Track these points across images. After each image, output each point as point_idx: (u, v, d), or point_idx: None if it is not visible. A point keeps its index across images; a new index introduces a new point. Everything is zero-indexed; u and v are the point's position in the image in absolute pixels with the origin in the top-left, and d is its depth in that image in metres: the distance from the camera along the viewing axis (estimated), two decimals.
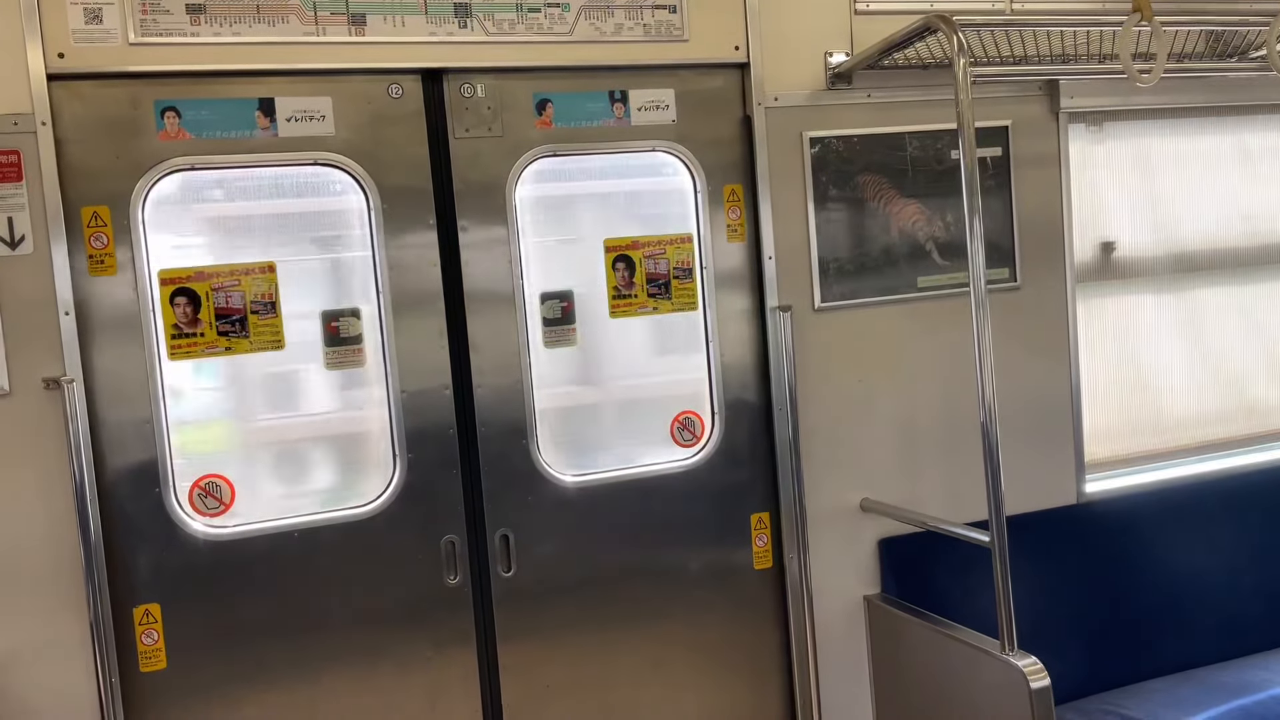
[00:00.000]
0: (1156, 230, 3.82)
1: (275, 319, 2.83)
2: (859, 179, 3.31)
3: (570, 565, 3.11)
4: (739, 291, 3.24)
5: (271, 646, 2.86)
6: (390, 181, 2.91)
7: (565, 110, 3.05)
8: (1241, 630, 3.61)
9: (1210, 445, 3.92)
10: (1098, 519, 3.59)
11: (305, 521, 2.87)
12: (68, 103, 2.65)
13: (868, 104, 3.31)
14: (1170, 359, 3.87)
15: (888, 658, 3.31)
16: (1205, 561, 3.64)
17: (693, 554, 3.23)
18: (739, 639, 3.29)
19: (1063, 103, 3.50)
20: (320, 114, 2.84)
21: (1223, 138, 3.88)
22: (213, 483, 2.81)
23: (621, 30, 3.05)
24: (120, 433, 2.72)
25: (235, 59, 2.74)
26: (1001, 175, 3.47)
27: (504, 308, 3.02)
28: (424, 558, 2.98)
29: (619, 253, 3.14)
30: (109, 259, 2.70)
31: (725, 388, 3.24)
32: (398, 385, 2.93)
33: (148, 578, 2.75)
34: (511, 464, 3.04)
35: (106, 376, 2.70)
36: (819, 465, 3.29)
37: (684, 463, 3.22)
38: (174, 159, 2.73)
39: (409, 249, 2.93)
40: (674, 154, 3.16)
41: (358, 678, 2.93)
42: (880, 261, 3.35)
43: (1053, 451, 3.58)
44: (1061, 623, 3.40)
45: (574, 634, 3.12)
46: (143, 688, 2.75)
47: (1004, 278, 3.48)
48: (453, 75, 2.95)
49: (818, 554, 3.29)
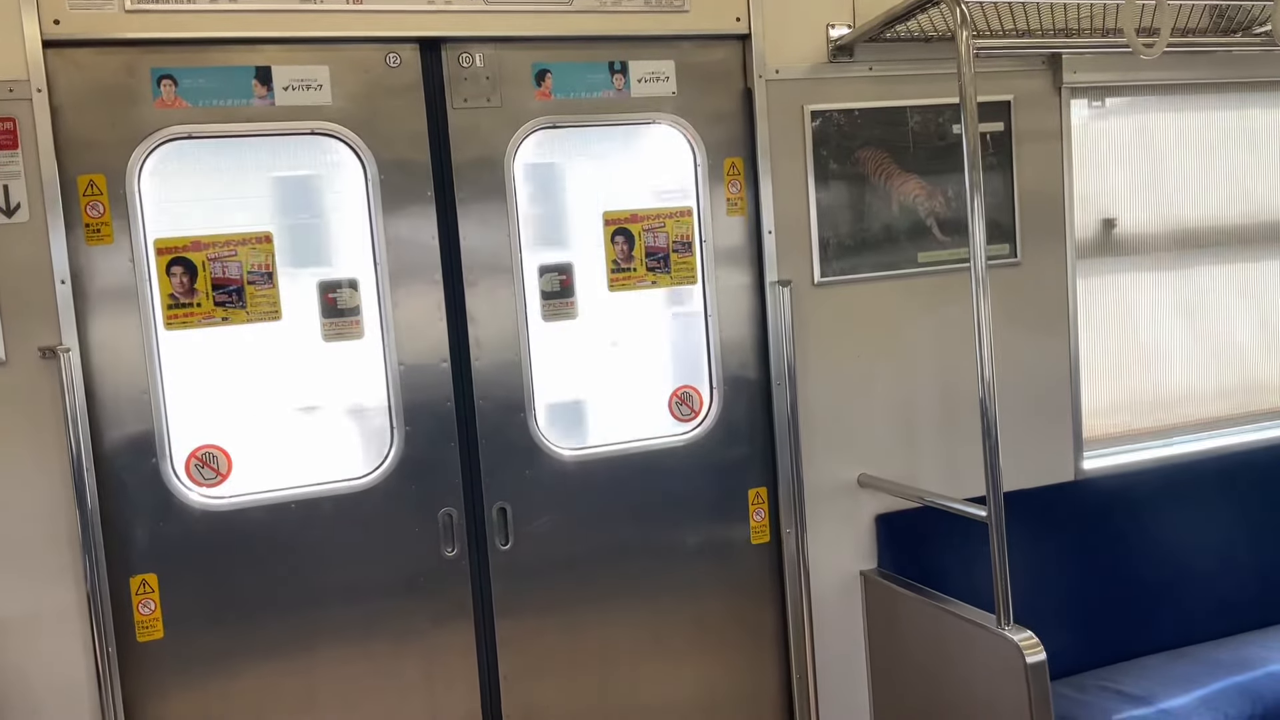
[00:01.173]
0: (1158, 207, 3.81)
1: (272, 289, 2.82)
2: (860, 153, 3.29)
3: (568, 539, 3.11)
4: (738, 266, 3.23)
5: (268, 617, 2.86)
6: (388, 152, 2.89)
7: (565, 81, 3.03)
8: (1238, 607, 3.62)
9: (1209, 422, 3.93)
10: (1095, 495, 3.60)
11: (303, 493, 2.87)
12: (63, 70, 2.63)
13: (869, 77, 3.29)
14: (1170, 336, 3.86)
15: (884, 632, 3.32)
16: (1202, 539, 3.64)
17: (690, 529, 3.24)
18: (736, 613, 3.29)
19: (1065, 78, 3.47)
20: (318, 83, 2.82)
21: (1225, 114, 3.86)
22: (210, 453, 2.81)
23: (622, 1, 3.02)
24: (117, 403, 2.71)
25: (232, 27, 2.72)
26: (1003, 151, 3.45)
27: (502, 280, 3.01)
28: (422, 530, 2.98)
29: (618, 226, 3.12)
30: (105, 228, 2.68)
31: (724, 363, 3.23)
32: (395, 358, 2.92)
33: (144, 548, 2.75)
34: (509, 437, 3.04)
35: (103, 346, 2.69)
36: (817, 440, 3.28)
37: (682, 437, 3.22)
38: (170, 127, 2.71)
39: (407, 220, 2.92)
40: (674, 126, 3.14)
41: (354, 649, 2.94)
42: (880, 237, 3.33)
43: (1051, 428, 3.57)
44: (1058, 598, 3.40)
45: (571, 607, 3.13)
46: (139, 657, 2.76)
47: (1004, 254, 3.47)
48: (451, 45, 2.93)
49: (815, 529, 3.29)
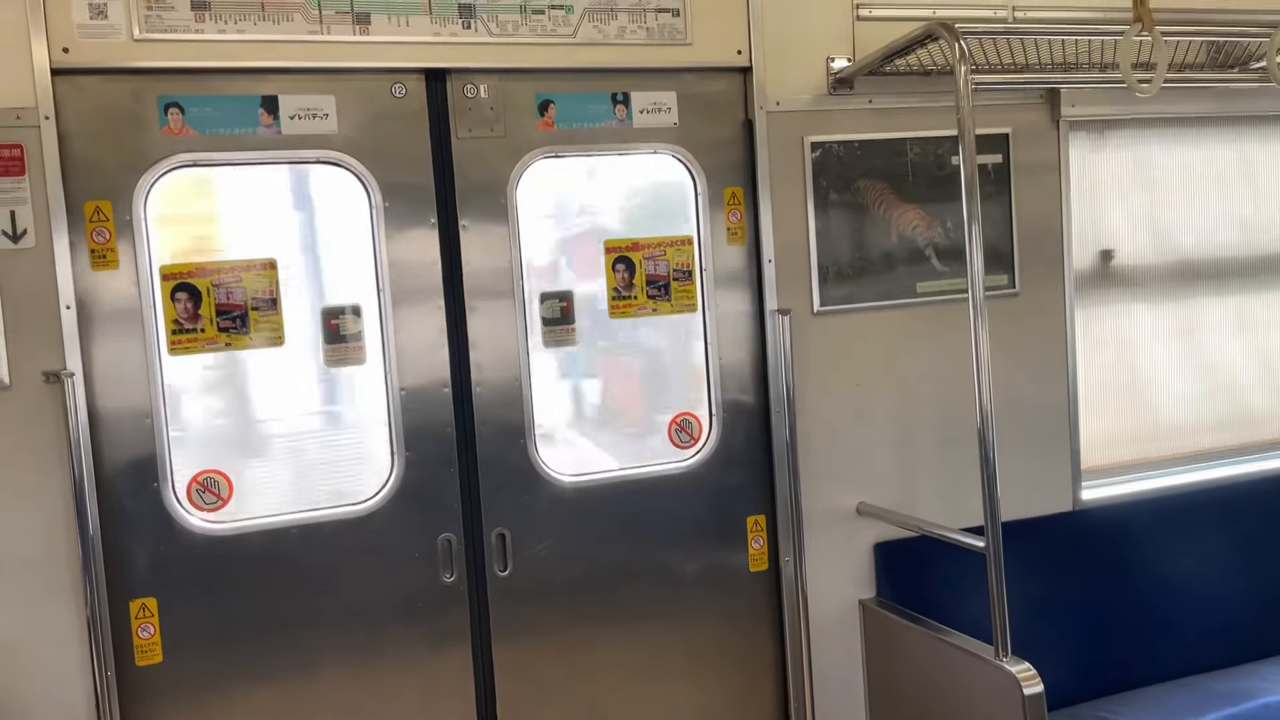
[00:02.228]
0: (1155, 239, 3.83)
1: (276, 315, 2.83)
2: (859, 184, 3.32)
3: (566, 565, 3.11)
4: (738, 294, 3.25)
5: (267, 642, 2.86)
6: (392, 180, 2.91)
7: (567, 111, 3.06)
8: (1235, 638, 3.61)
9: (1206, 454, 3.93)
10: (1093, 526, 3.60)
11: (303, 518, 2.88)
12: (71, 97, 2.66)
13: (869, 109, 3.32)
14: (1167, 368, 3.88)
15: (882, 662, 3.31)
16: (1200, 570, 3.64)
17: (689, 556, 3.24)
18: (734, 641, 3.29)
19: (1063, 111, 3.50)
20: (323, 112, 2.85)
21: (1223, 148, 3.89)
22: (211, 478, 2.82)
23: (625, 33, 3.06)
24: (119, 427, 2.72)
25: (239, 56, 2.75)
26: (1001, 182, 3.47)
27: (504, 307, 3.03)
28: (421, 556, 2.98)
29: (619, 254, 3.15)
30: (111, 254, 2.70)
31: (723, 390, 3.25)
32: (397, 383, 2.94)
33: (145, 572, 2.76)
34: (509, 463, 3.05)
35: (107, 371, 2.71)
36: (816, 468, 3.29)
37: (681, 464, 3.23)
38: (177, 155, 2.74)
39: (410, 247, 2.94)
40: (675, 156, 3.17)
41: (353, 674, 2.94)
42: (879, 266, 3.35)
43: (1049, 458, 3.58)
44: (1056, 629, 3.40)
45: (569, 634, 3.13)
46: (138, 682, 2.76)
47: (1003, 284, 3.49)
48: (456, 75, 2.96)
49: (814, 557, 3.30)
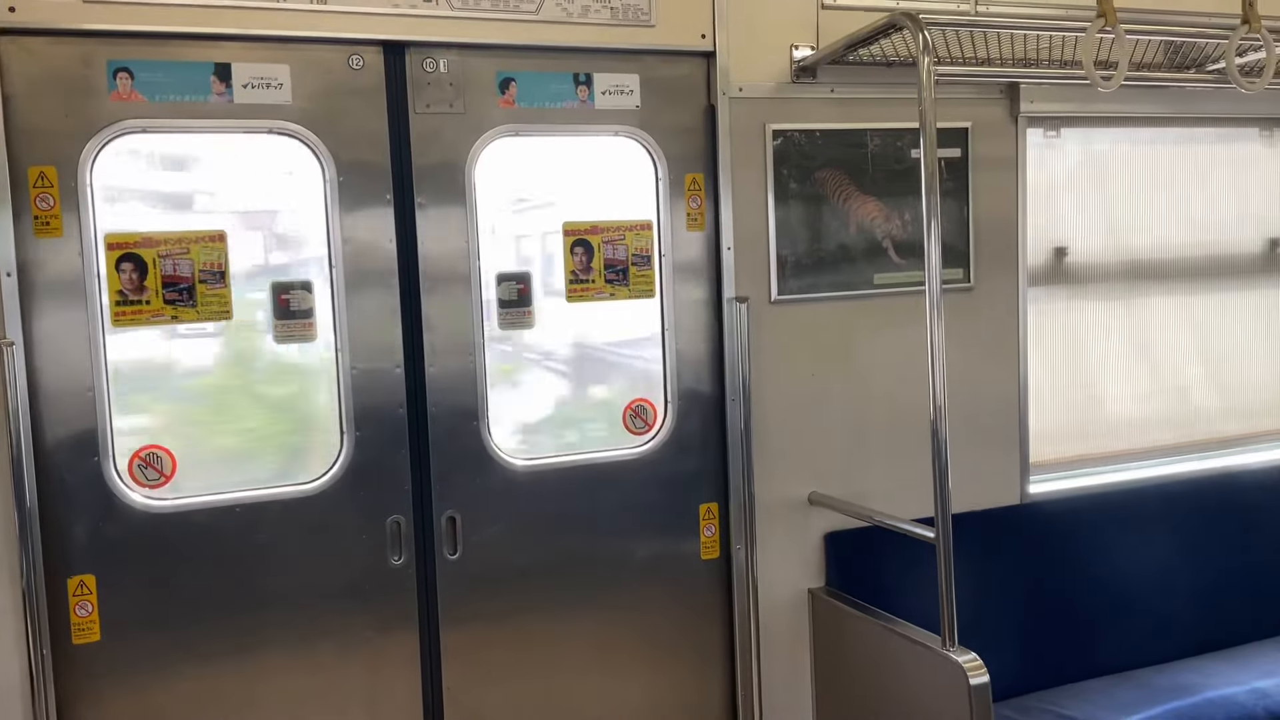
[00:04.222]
0: (1108, 237, 3.87)
1: (224, 289, 2.78)
2: (819, 174, 3.32)
3: (517, 549, 3.09)
4: (697, 281, 3.24)
5: (209, 622, 2.81)
6: (347, 154, 2.86)
7: (528, 90, 3.02)
8: (1177, 633, 3.68)
9: (1151, 451, 3.99)
10: (1041, 519, 3.64)
11: (248, 497, 2.83)
12: (17, 58, 2.58)
13: (831, 99, 3.31)
14: (1116, 364, 3.92)
15: (830, 650, 3.33)
16: (1143, 565, 3.70)
17: (641, 542, 3.23)
18: (684, 628, 3.29)
19: (1022, 106, 3.52)
20: (278, 82, 2.79)
21: (1177, 148, 3.94)
22: (153, 453, 2.76)
23: (588, 12, 3.02)
24: (60, 399, 2.66)
25: (192, 21, 2.68)
26: (959, 176, 3.49)
27: (459, 288, 2.99)
28: (369, 537, 2.94)
29: (578, 237, 3.12)
30: (55, 221, 2.63)
31: (679, 377, 3.23)
32: (348, 361, 2.89)
33: (83, 548, 2.70)
34: (461, 445, 3.02)
35: (48, 341, 2.64)
36: (769, 457, 3.29)
37: (635, 450, 3.22)
38: (125, 121, 2.67)
39: (364, 223, 2.89)
40: (636, 139, 3.14)
41: (296, 656, 2.89)
42: (837, 257, 3.36)
43: (999, 451, 3.62)
44: (1002, 621, 3.44)
45: (518, 618, 3.11)
46: (74, 660, 2.70)
47: (958, 278, 3.51)
48: (415, 49, 2.91)
49: (765, 546, 3.30)
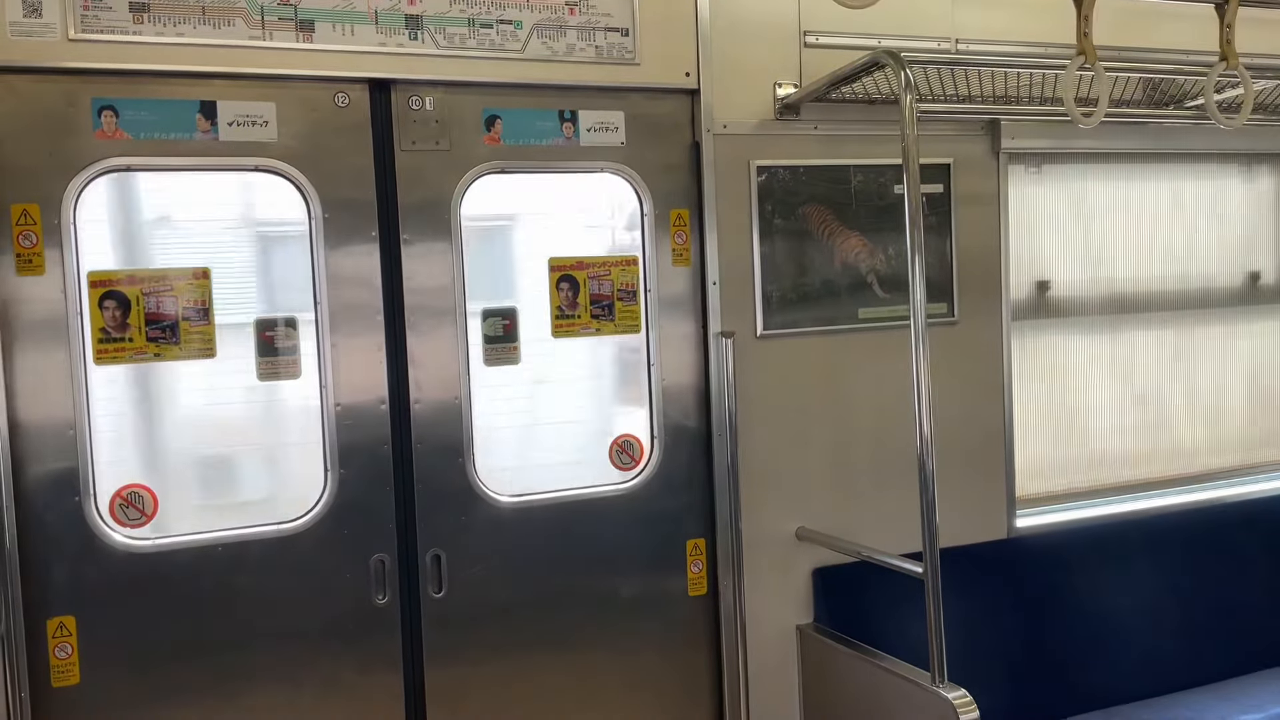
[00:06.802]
0: (1090, 271, 3.90)
1: (208, 326, 2.76)
2: (804, 209, 3.34)
3: (503, 587, 3.06)
4: (682, 316, 3.24)
5: (191, 664, 2.77)
6: (333, 191, 2.86)
7: (514, 128, 3.03)
8: (1163, 667, 3.67)
9: (1136, 485, 4.00)
10: (1027, 554, 3.64)
11: (230, 535, 2.80)
12: (1, 96, 2.58)
13: (814, 136, 3.34)
14: (1100, 399, 3.94)
15: (819, 687, 3.30)
16: (1130, 599, 3.70)
17: (627, 579, 3.21)
18: (671, 666, 3.26)
19: (1004, 143, 3.56)
20: (263, 119, 2.79)
21: (1157, 184, 3.98)
22: (135, 493, 2.73)
23: (574, 51, 3.04)
24: (41, 438, 2.63)
25: (177, 60, 2.69)
26: (942, 212, 3.52)
27: (445, 324, 2.99)
28: (353, 576, 2.91)
29: (563, 272, 3.12)
30: (37, 258, 2.61)
31: (665, 412, 3.23)
32: (332, 399, 2.88)
33: (64, 589, 2.66)
34: (447, 482, 3.00)
35: (29, 379, 2.62)
36: (756, 493, 3.29)
37: (621, 486, 3.20)
38: (110, 158, 2.66)
39: (350, 260, 2.88)
40: (622, 176, 3.16)
41: (280, 698, 2.85)
42: (822, 292, 3.37)
43: (985, 486, 3.62)
44: (991, 655, 3.42)
45: (505, 658, 3.07)
46: (54, 703, 2.65)
47: (942, 313, 3.53)
48: (401, 86, 2.92)
49: (752, 582, 3.28)
